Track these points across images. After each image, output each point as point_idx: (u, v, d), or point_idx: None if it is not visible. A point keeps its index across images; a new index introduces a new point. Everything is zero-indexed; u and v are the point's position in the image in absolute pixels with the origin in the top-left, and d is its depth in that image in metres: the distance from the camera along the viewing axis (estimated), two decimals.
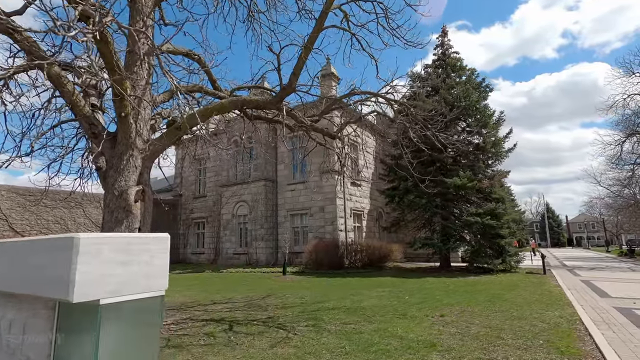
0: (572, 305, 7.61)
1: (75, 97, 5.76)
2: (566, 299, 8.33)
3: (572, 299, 8.36)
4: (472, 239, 16.17)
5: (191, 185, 28.26)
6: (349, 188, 21.71)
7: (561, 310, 7.03)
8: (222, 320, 6.27)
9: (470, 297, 8.75)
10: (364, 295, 9.09)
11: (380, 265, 18.67)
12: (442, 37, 19.76)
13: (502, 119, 17.74)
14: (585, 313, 6.78)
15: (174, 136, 6.35)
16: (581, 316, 6.44)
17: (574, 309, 7.21)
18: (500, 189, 16.00)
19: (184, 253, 27.09)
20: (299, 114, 6.99)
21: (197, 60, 7.58)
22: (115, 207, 5.65)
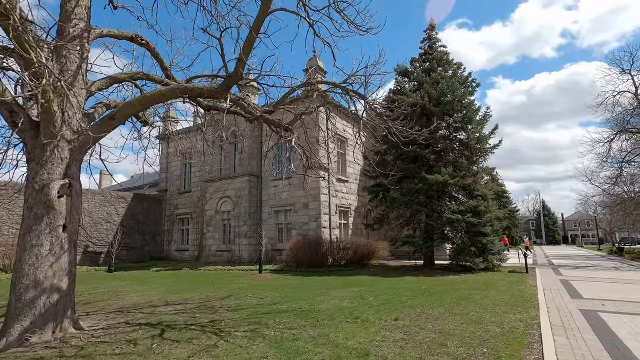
0: (539, 307, 7.22)
1: None
2: (535, 301, 7.95)
3: (542, 301, 7.98)
4: (455, 237, 15.78)
5: (177, 180, 27.78)
6: (335, 184, 21.29)
7: (525, 313, 6.64)
8: (158, 325, 5.85)
9: (437, 298, 8.35)
10: (328, 297, 8.69)
11: (365, 264, 18.29)
12: (430, 32, 19.27)
13: (488, 115, 17.30)
14: (547, 316, 6.39)
15: (108, 126, 5.89)
16: (542, 320, 6.05)
17: (538, 311, 6.82)
18: (483, 187, 15.60)
19: (168, 250, 26.68)
20: (248, 104, 6.53)
21: (144, 46, 7.11)
22: (35, 202, 5.21)
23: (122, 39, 6.93)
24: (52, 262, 5.22)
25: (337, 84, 6.64)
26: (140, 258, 25.33)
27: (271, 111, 6.95)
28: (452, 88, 16.01)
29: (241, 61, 5.91)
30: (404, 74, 18.29)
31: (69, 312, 5.43)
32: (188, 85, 6.20)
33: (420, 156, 16.02)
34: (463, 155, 16.76)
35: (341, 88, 6.69)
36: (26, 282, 5.02)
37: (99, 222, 23.67)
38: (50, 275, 5.17)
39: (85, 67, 6.14)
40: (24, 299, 4.96)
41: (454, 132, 17.14)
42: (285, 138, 6.70)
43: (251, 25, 5.76)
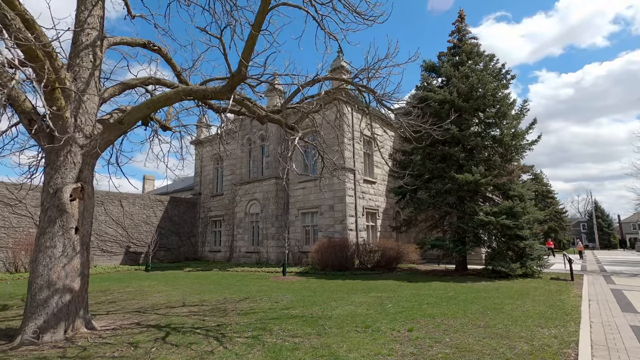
0: (580, 321, 6.43)
1: (15, 91, 5.55)
2: (576, 313, 7.11)
3: (585, 313, 7.13)
4: (489, 240, 14.77)
5: (209, 183, 28.65)
6: (361, 186, 20.86)
7: (561, 328, 5.92)
8: (166, 327, 5.87)
9: (462, 307, 7.75)
10: (344, 302, 8.37)
11: (393, 267, 17.69)
12: (459, 23, 18.30)
13: (525, 109, 16.08)
14: (589, 332, 5.64)
15: (118, 131, 6.01)
16: (581, 337, 5.34)
17: (578, 326, 6.06)
18: (519, 186, 14.46)
19: (202, 251, 27.54)
20: (254, 104, 6.42)
21: (156, 51, 7.24)
22: (49, 205, 5.40)
23: (135, 45, 7.11)
24: (65, 263, 5.39)
25: (346, 80, 6.35)
26: (176, 258, 26.39)
27: (279, 110, 6.80)
28: (483, 81, 15.04)
29: (244, 60, 5.81)
30: (431, 70, 17.49)
31: (81, 312, 5.59)
32: (192, 87, 6.21)
33: (448, 155, 15.20)
34: (496, 153, 15.68)
35: (350, 83, 6.38)
36: (40, 282, 5.22)
37: (138, 223, 24.93)
38: (62, 276, 5.35)
39: (98, 74, 6.33)
40: (37, 299, 5.16)
41: (487, 128, 16.10)
42: (289, 136, 6.51)
43: (252, 23, 5.63)
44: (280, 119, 6.65)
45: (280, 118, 6.62)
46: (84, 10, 6.16)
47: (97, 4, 6.27)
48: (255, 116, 6.50)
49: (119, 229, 23.68)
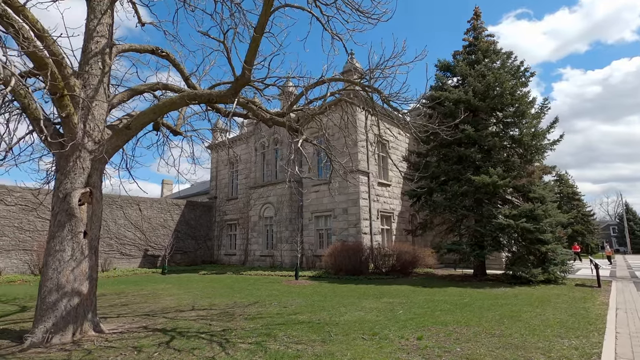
0: (605, 331, 6.02)
1: (27, 99, 5.71)
2: (601, 323, 6.68)
3: (611, 323, 6.69)
4: (508, 244, 14.23)
5: (225, 187, 28.97)
6: (375, 188, 20.59)
7: (584, 339, 5.56)
8: (171, 331, 5.87)
9: (477, 314, 7.43)
10: (354, 307, 8.19)
11: (409, 272, 17.31)
12: (475, 21, 17.86)
13: (545, 107, 15.47)
14: (613, 344, 5.26)
15: (125, 136, 6.09)
16: (604, 349, 4.98)
17: (603, 337, 5.67)
18: (540, 187, 13.87)
19: (218, 254, 27.83)
20: (258, 106, 6.39)
21: (165, 57, 7.33)
22: (59, 210, 5.50)
23: (144, 52, 7.23)
24: (73, 266, 5.47)
25: (351, 81, 6.22)
26: (192, 261, 26.76)
27: (284, 113, 6.74)
28: (500, 80, 14.58)
29: (247, 63, 5.78)
30: (446, 69, 17.12)
31: (89, 315, 5.65)
32: (197, 91, 6.23)
33: (464, 156, 14.77)
34: (515, 153, 15.14)
35: (356, 84, 6.25)
36: (49, 286, 5.31)
37: (156, 227, 25.45)
38: (71, 279, 5.42)
39: (107, 80, 6.45)
40: (47, 301, 5.25)
41: (505, 128, 15.57)
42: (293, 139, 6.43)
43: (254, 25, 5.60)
44: (284, 122, 6.59)
45: (284, 121, 6.56)
46: (94, 19, 6.30)
47: (106, 13, 6.40)
48: (260, 119, 6.46)
49: (138, 232, 24.23)
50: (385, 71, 6.07)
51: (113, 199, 23.57)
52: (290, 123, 6.57)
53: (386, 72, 6.36)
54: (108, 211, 23.00)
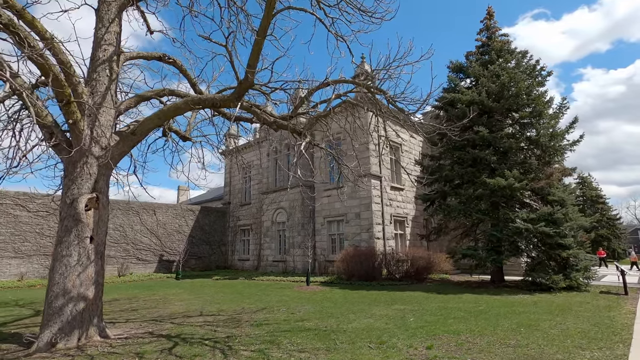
0: (631, 342, 5.63)
1: (37, 107, 5.82)
2: (627, 333, 6.26)
3: (638, 333, 6.26)
4: (527, 250, 13.69)
5: (238, 193, 29.15)
6: (388, 193, 20.29)
7: (607, 351, 5.20)
8: (175, 337, 5.83)
9: (492, 322, 7.10)
10: (364, 314, 7.97)
11: (423, 277, 16.90)
12: (488, 20, 17.48)
13: (564, 107, 14.92)
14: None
15: (131, 142, 6.14)
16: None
17: (628, 348, 5.29)
18: (559, 190, 13.31)
19: (232, 259, 27.94)
20: (262, 110, 6.34)
21: (172, 63, 7.40)
22: (66, 215, 5.56)
23: (151, 59, 7.32)
24: (80, 271, 5.51)
25: (356, 82, 6.11)
26: (207, 266, 26.95)
27: (289, 116, 6.68)
28: (515, 80, 14.16)
29: (250, 67, 5.75)
30: (458, 70, 16.78)
31: (94, 320, 5.67)
32: (201, 96, 6.24)
33: (478, 158, 14.36)
34: (533, 155, 14.63)
35: (360, 85, 6.13)
36: (56, 290, 5.36)
37: (171, 232, 25.79)
38: (77, 284, 5.46)
39: (115, 87, 6.54)
40: (53, 306, 5.29)
41: (522, 129, 15.09)
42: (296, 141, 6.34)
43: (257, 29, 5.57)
44: (289, 125, 6.52)
45: (288, 124, 6.50)
46: (101, 27, 6.42)
47: (113, 22, 6.51)
48: (265, 123, 6.42)
49: (153, 238, 24.62)
50: (390, 72, 5.93)
51: (130, 205, 24.06)
52: (295, 126, 6.50)
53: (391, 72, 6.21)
54: (125, 217, 23.50)
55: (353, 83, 6.11)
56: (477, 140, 14.43)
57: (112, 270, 21.69)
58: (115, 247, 22.57)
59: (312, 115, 6.64)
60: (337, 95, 6.41)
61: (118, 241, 22.85)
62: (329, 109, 6.28)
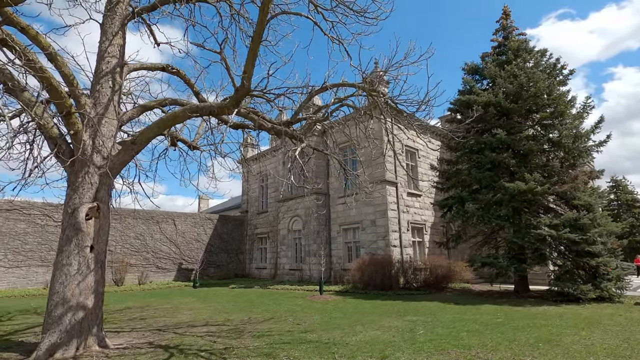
0: None
1: (43, 120, 5.98)
2: None
3: None
4: (550, 257, 12.90)
5: (255, 201, 29.32)
6: (405, 199, 19.80)
7: None
8: (173, 348, 5.75)
9: (510, 336, 6.61)
10: (371, 326, 7.65)
11: (443, 287, 16.28)
12: (504, 20, 16.94)
13: (588, 106, 14.14)
14: None
15: (132, 151, 6.20)
16: None
17: None
18: (586, 194, 12.50)
19: (250, 268, 28.01)
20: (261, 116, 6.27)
21: (175, 73, 7.50)
22: (67, 224, 5.64)
23: (154, 70, 7.45)
24: (79, 280, 5.55)
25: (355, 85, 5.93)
26: (225, 275, 27.11)
27: (289, 122, 6.58)
28: (533, 79, 13.54)
29: (246, 73, 5.70)
30: (474, 72, 16.28)
31: (94, 330, 5.68)
32: (199, 104, 6.25)
33: (497, 162, 13.75)
34: (556, 157, 13.88)
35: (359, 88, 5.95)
36: (56, 299, 5.41)
37: (190, 241, 26.19)
38: (76, 293, 5.50)
39: (118, 98, 6.66)
40: (53, 315, 5.34)
41: (543, 131, 14.37)
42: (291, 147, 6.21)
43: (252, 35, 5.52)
44: (287, 130, 6.42)
45: (286, 129, 6.39)
46: (105, 40, 6.58)
47: (117, 34, 6.66)
48: (261, 128, 6.34)
49: (172, 246, 25.06)
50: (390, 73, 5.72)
51: (150, 214, 24.67)
52: (293, 132, 6.39)
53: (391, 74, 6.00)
54: (145, 226, 24.08)
55: (351, 86, 5.94)
56: (494, 143, 13.85)
57: (132, 279, 22.19)
58: (136, 256, 23.12)
59: (310, 121, 6.51)
60: (337, 99, 6.26)
61: (139, 250, 23.40)
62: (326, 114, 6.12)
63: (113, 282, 20.90)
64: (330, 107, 6.19)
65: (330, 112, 6.29)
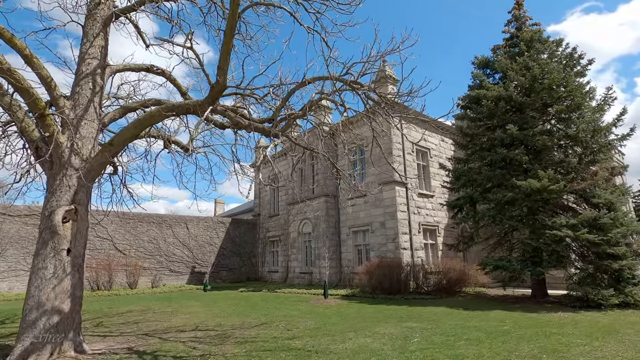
0: None
1: (24, 122, 5.99)
2: None
3: None
4: (568, 260, 12.03)
5: (267, 204, 29.30)
6: (415, 200, 19.20)
7: None
8: (149, 354, 5.57)
9: (512, 346, 6.06)
10: (364, 333, 7.25)
11: (456, 291, 15.61)
12: (516, 10, 16.17)
13: (610, 98, 13.19)
14: None
15: (109, 152, 6.11)
16: None
17: None
18: (607, 192, 11.59)
19: (262, 271, 27.95)
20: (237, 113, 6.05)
21: (160, 74, 7.41)
22: (44, 227, 5.58)
23: (139, 70, 7.39)
24: (55, 284, 5.48)
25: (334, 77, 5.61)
26: (238, 278, 27.16)
27: (270, 119, 6.33)
28: (547, 70, 12.75)
29: (220, 68, 5.50)
30: (484, 66, 15.57)
31: (70, 334, 5.59)
32: (175, 103, 6.10)
33: (508, 159, 13.02)
34: (574, 153, 13.00)
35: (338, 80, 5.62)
36: (30, 304, 5.35)
37: (202, 245, 26.41)
38: (52, 297, 5.42)
39: (99, 99, 6.62)
40: (27, 320, 5.27)
41: (560, 125, 13.52)
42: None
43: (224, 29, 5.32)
44: (265, 128, 6.17)
45: (264, 127, 6.15)
46: (86, 42, 6.56)
47: (98, 36, 6.63)
48: (239, 126, 6.12)
49: (185, 250, 25.33)
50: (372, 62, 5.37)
51: (163, 219, 25.08)
52: (270, 129, 6.13)
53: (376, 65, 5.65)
54: (158, 230, 24.46)
55: (328, 79, 5.63)
56: (506, 139, 13.12)
57: (146, 282, 22.54)
58: (150, 260, 23.49)
59: (289, 117, 6.24)
60: (318, 92, 5.97)
61: (152, 253, 23.77)
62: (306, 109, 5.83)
63: (127, 285, 21.28)
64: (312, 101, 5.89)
65: (308, 108, 5.99)
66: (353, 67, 5.63)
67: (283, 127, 6.32)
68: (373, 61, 5.59)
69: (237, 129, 6.28)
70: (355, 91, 5.83)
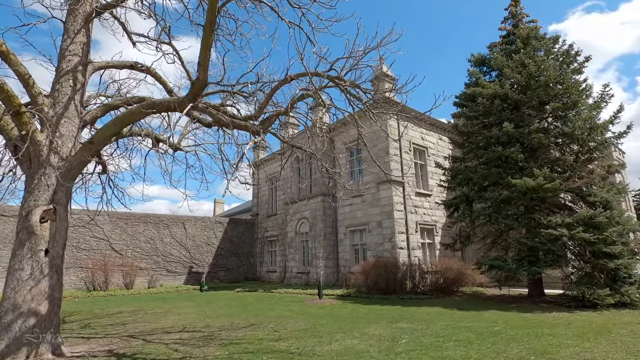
0: None
1: (3, 120, 5.88)
2: None
3: None
4: (564, 259, 11.88)
5: (265, 204, 29.19)
6: (412, 199, 19.03)
7: None
8: (129, 357, 5.47)
9: (501, 347, 5.93)
10: (351, 334, 7.13)
11: (452, 291, 15.47)
12: (513, 7, 16.00)
13: (607, 95, 13.02)
14: None
15: (89, 151, 5.99)
16: None
17: None
18: (602, 190, 11.43)
19: (260, 271, 27.84)
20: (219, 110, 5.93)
21: (144, 71, 7.30)
22: (21, 227, 5.48)
23: (122, 68, 7.28)
24: (32, 285, 5.37)
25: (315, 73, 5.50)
26: (235, 278, 27.05)
27: (254, 116, 6.21)
28: (543, 67, 12.59)
29: (200, 64, 5.38)
30: (481, 63, 15.42)
31: (48, 337, 5.48)
32: (155, 100, 5.99)
33: (504, 157, 12.87)
34: (570, 151, 12.83)
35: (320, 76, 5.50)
36: (6, 306, 5.24)
37: (200, 245, 26.32)
38: (28, 299, 5.32)
39: (80, 97, 6.50)
40: (2, 323, 5.17)
41: (556, 122, 13.35)
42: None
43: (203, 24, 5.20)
44: (247, 125, 6.05)
45: (246, 124, 6.03)
46: (67, 39, 6.45)
47: (79, 32, 6.52)
48: (220, 124, 6.01)
49: (182, 250, 25.24)
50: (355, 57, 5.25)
51: (160, 219, 24.99)
52: (252, 126, 6.01)
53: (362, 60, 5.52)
54: (155, 230, 24.38)
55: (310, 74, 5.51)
56: (502, 137, 12.97)
57: (142, 282, 22.48)
58: (147, 260, 23.41)
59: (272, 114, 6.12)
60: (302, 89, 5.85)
61: (149, 253, 23.68)
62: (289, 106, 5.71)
63: (124, 285, 21.21)
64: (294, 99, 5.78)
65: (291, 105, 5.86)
66: (336, 63, 5.50)
67: (265, 125, 6.19)
68: (357, 57, 5.47)
69: (219, 126, 6.17)
70: (339, 87, 5.71)
